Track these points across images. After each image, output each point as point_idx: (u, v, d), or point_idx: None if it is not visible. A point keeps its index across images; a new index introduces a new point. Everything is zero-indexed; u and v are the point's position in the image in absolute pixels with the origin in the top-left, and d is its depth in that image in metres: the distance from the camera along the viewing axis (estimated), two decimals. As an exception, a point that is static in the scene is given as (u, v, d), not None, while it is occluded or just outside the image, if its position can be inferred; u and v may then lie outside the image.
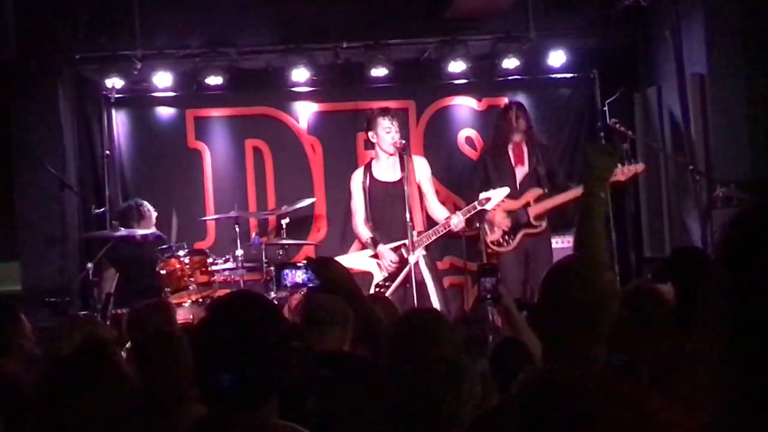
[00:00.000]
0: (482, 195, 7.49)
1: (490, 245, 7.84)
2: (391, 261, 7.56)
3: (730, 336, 1.43)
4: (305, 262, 3.41)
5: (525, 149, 7.91)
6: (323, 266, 3.36)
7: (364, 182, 7.80)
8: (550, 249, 7.95)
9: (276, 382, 2.41)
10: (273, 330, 2.43)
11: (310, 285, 3.35)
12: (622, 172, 7.61)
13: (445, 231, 7.53)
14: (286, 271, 3.36)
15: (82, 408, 2.43)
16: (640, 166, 7.68)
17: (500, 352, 3.96)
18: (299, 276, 3.35)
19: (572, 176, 8.52)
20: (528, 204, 7.80)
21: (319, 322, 4.10)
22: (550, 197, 7.78)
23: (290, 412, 2.63)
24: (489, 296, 3.72)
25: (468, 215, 7.51)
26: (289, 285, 3.41)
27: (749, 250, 1.45)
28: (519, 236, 7.79)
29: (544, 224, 7.83)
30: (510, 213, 7.78)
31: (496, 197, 7.46)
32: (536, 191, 7.82)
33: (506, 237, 7.80)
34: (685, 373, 3.21)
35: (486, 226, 7.82)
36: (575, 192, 7.65)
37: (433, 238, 7.57)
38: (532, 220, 7.78)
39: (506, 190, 7.52)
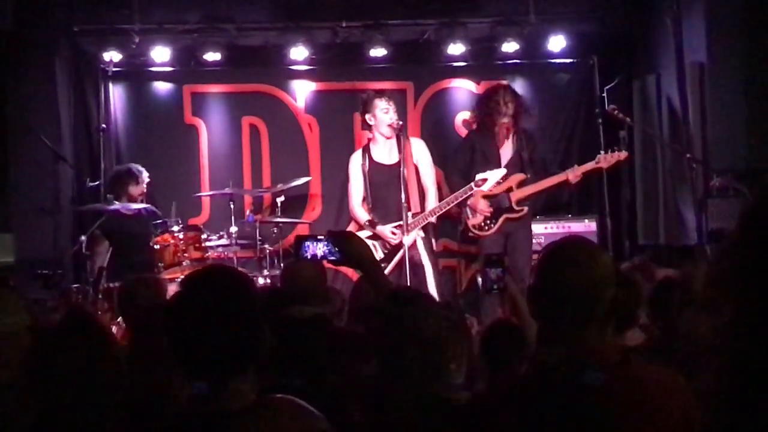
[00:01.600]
0: (479, 176, 7.50)
1: (472, 229, 7.85)
2: (391, 233, 7.56)
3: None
4: (326, 234, 3.39)
5: (511, 133, 7.89)
6: (344, 239, 3.36)
7: (363, 165, 7.79)
8: (530, 230, 7.99)
9: (251, 354, 2.41)
10: (245, 302, 2.42)
11: (331, 258, 3.33)
12: (604, 159, 7.65)
13: (437, 214, 7.56)
14: (307, 243, 3.32)
15: (70, 372, 2.42)
16: (623, 154, 7.71)
17: (491, 336, 3.95)
18: (320, 249, 3.31)
19: (569, 160, 8.50)
20: (510, 189, 7.80)
21: (296, 295, 4.09)
22: (533, 183, 7.78)
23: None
24: (495, 286, 3.71)
25: (465, 196, 7.56)
26: (309, 257, 3.36)
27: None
28: (500, 220, 7.80)
29: (525, 209, 7.83)
30: (492, 197, 7.78)
31: (492, 178, 7.48)
32: (519, 176, 7.82)
33: (488, 221, 7.80)
34: None
35: (468, 211, 7.82)
36: (558, 178, 7.71)
37: (425, 221, 7.59)
38: (513, 204, 7.79)
39: (503, 171, 7.54)
